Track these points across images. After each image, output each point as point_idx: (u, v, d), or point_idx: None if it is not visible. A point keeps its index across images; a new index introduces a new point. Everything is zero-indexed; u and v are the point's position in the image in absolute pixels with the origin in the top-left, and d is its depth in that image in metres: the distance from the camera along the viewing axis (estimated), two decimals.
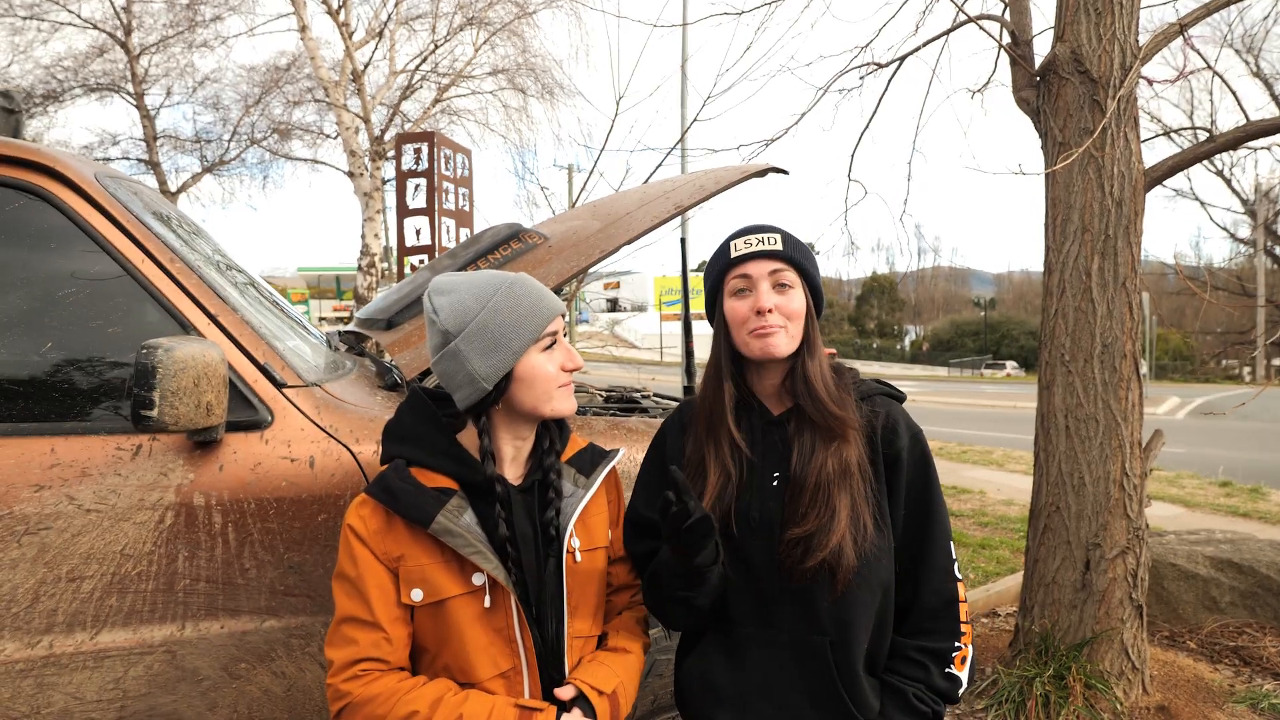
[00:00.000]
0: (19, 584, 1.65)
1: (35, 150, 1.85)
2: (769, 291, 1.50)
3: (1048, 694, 3.25)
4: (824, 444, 1.46)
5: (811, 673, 1.45)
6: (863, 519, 1.43)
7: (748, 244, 1.52)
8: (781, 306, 1.49)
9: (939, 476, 1.56)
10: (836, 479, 1.43)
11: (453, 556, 1.39)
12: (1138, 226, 3.37)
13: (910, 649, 1.49)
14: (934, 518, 1.51)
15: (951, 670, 1.47)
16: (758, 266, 1.51)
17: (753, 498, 1.50)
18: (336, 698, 1.36)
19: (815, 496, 1.44)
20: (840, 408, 1.48)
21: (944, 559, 1.51)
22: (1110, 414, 3.36)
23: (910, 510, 1.51)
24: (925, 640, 1.49)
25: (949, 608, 1.49)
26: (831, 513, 1.42)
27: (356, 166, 15.02)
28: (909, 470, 1.51)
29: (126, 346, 1.82)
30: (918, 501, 1.51)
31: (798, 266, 1.52)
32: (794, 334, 1.50)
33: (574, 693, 1.43)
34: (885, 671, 1.50)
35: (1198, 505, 7.53)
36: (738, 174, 2.56)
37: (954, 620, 1.49)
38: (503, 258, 2.63)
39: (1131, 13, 3.32)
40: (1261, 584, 4.23)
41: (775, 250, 1.50)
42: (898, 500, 1.50)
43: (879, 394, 1.58)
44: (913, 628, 1.51)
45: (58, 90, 16.48)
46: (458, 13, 15.56)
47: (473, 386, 1.42)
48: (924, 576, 1.50)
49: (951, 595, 1.50)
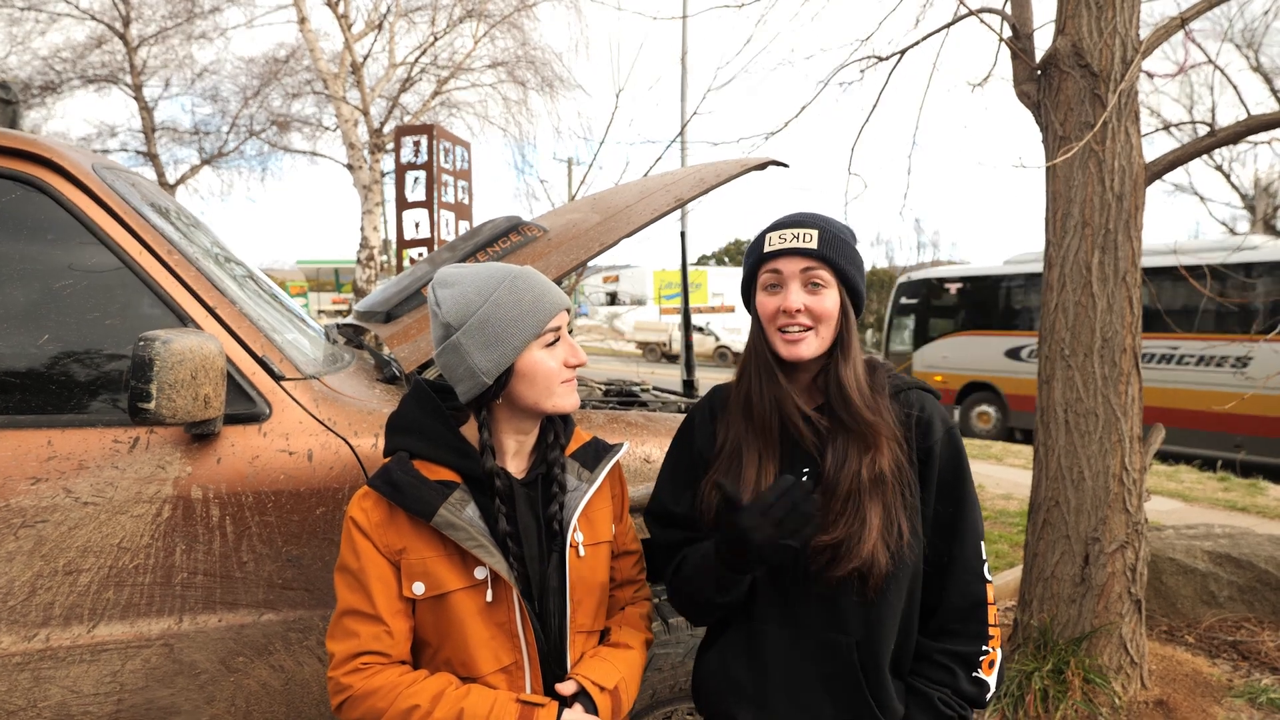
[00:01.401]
0: (15, 577, 1.64)
1: (33, 141, 1.84)
2: (799, 291, 1.44)
3: (1046, 688, 3.25)
4: (858, 451, 1.41)
5: (834, 673, 1.41)
6: (898, 524, 1.38)
7: (782, 239, 1.46)
8: (812, 307, 1.43)
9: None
10: (869, 488, 1.39)
11: (455, 550, 1.38)
12: (1138, 221, 3.36)
13: (936, 652, 1.44)
14: (965, 515, 1.46)
15: (979, 675, 1.42)
16: (790, 264, 1.44)
17: None
18: (337, 691, 1.36)
19: (846, 505, 1.39)
20: (874, 413, 1.43)
21: (974, 559, 1.45)
22: (1110, 408, 3.35)
23: (941, 507, 1.46)
24: (951, 643, 1.44)
25: (977, 610, 1.44)
26: (862, 522, 1.37)
27: (355, 159, 15.00)
28: (941, 465, 1.46)
29: (124, 339, 1.81)
30: (949, 498, 1.46)
31: (834, 266, 1.44)
32: (824, 335, 1.45)
33: (575, 688, 1.42)
34: (910, 674, 1.46)
35: (1196, 500, 7.54)
36: (738, 167, 2.55)
37: (982, 623, 1.44)
38: (502, 250, 2.62)
39: (1132, 7, 3.30)
40: (1260, 579, 4.23)
41: (809, 249, 1.43)
42: (929, 496, 1.45)
43: (913, 387, 1.52)
44: (938, 629, 1.46)
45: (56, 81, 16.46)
46: (457, 5, 15.53)
47: (473, 380, 1.41)
48: (952, 576, 1.45)
49: (980, 597, 1.45)
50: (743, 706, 1.47)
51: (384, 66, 15.99)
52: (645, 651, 1.60)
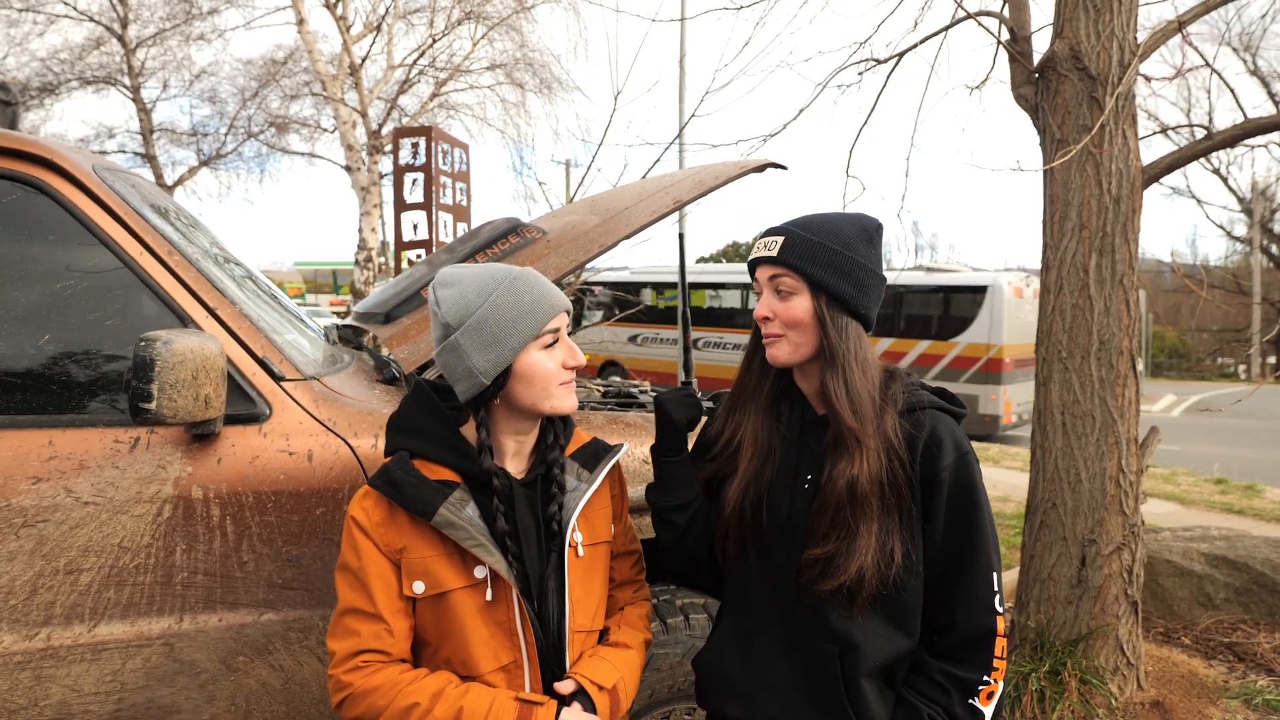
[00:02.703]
0: (17, 576, 1.65)
1: (33, 142, 1.84)
2: (769, 297, 1.46)
3: (1043, 689, 3.26)
4: (842, 462, 1.39)
5: (817, 678, 1.42)
6: (891, 548, 1.37)
7: (757, 247, 1.49)
8: (779, 313, 1.44)
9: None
10: (851, 501, 1.37)
11: (455, 549, 1.39)
12: (1135, 224, 3.38)
13: (935, 670, 1.42)
14: (977, 545, 1.40)
15: (974, 703, 1.39)
16: (762, 272, 1.47)
17: (784, 494, 1.47)
18: (338, 689, 1.37)
19: (836, 518, 1.38)
20: (859, 421, 1.38)
21: (985, 590, 1.40)
22: (1107, 411, 3.36)
23: (949, 535, 1.40)
24: (953, 667, 1.41)
25: (985, 641, 1.40)
26: (851, 538, 1.36)
27: (353, 161, 15.00)
28: (950, 492, 1.40)
29: (125, 339, 1.82)
30: (958, 526, 1.40)
31: (799, 272, 1.42)
32: (796, 341, 1.44)
33: (574, 687, 1.43)
34: (905, 685, 1.44)
35: (1193, 502, 7.55)
36: (736, 169, 2.56)
37: (988, 654, 1.40)
38: (501, 252, 2.63)
39: (1130, 10, 3.32)
40: (1256, 580, 4.24)
41: (770, 257, 1.45)
42: (935, 524, 1.40)
43: (930, 406, 1.45)
44: (943, 652, 1.43)
45: (54, 83, 16.45)
46: (456, 7, 15.52)
47: (471, 380, 1.42)
48: (960, 605, 1.41)
49: (989, 629, 1.40)
50: (730, 701, 1.52)
51: (382, 68, 15.99)
52: (644, 652, 1.61)
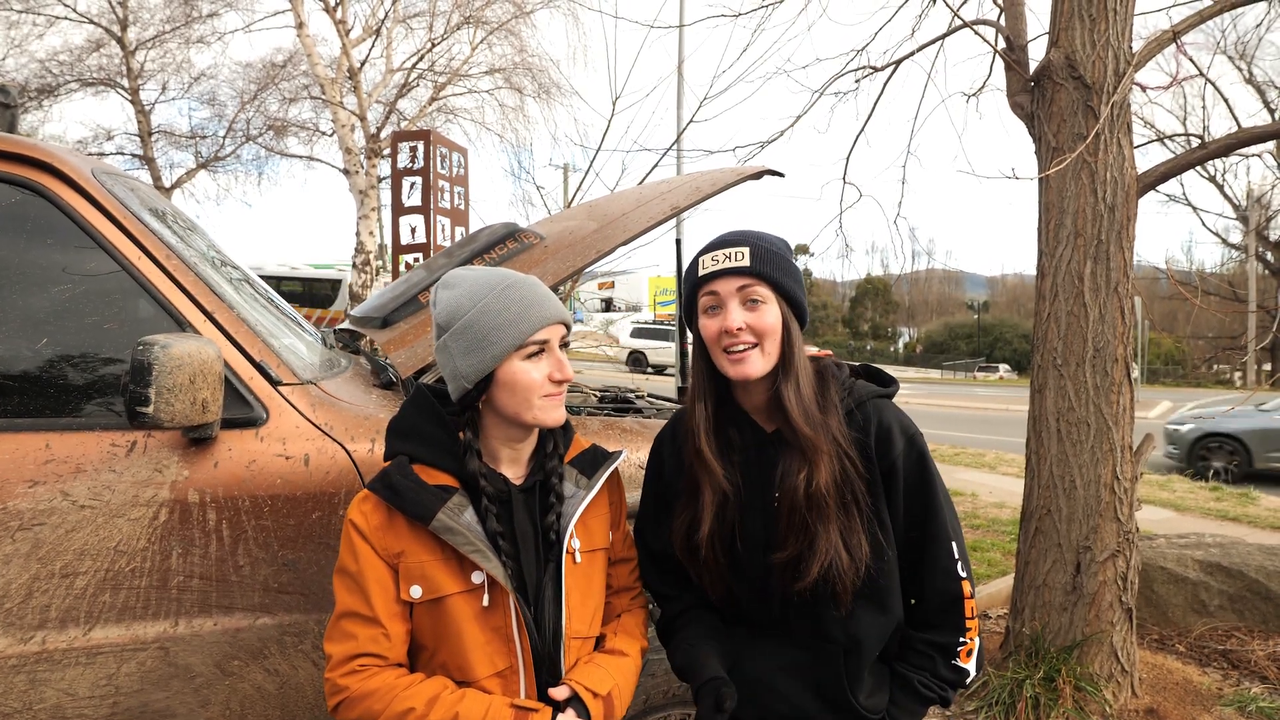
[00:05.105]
0: (12, 579, 1.64)
1: (31, 145, 1.84)
2: (738, 309, 1.45)
3: (1038, 696, 3.26)
4: (799, 467, 1.44)
5: (821, 674, 1.51)
6: (856, 541, 1.44)
7: (715, 260, 1.46)
8: (752, 324, 1.44)
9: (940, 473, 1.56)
10: (810, 504, 1.43)
11: (453, 554, 1.39)
12: (1130, 231, 3.39)
13: (918, 641, 1.54)
14: (935, 517, 1.50)
15: (957, 662, 1.52)
16: (725, 284, 1.45)
17: (756, 516, 1.52)
18: (334, 692, 1.37)
19: (792, 521, 1.45)
20: (812, 429, 1.43)
21: (946, 559, 1.50)
22: (1102, 418, 3.37)
23: (910, 513, 1.50)
24: (932, 634, 1.53)
25: (954, 605, 1.51)
26: (811, 539, 1.43)
27: (352, 164, 15.00)
28: (905, 474, 1.49)
29: (122, 343, 1.82)
30: (917, 503, 1.50)
31: (769, 280, 1.45)
32: (769, 351, 1.45)
33: (569, 693, 1.43)
34: (895, 659, 1.56)
35: (1188, 509, 7.57)
36: (734, 176, 2.57)
37: (959, 616, 1.51)
38: (499, 257, 2.64)
39: (1125, 19, 3.33)
40: (1250, 588, 4.25)
41: (741, 267, 1.44)
42: (896, 506, 1.49)
43: (869, 398, 1.52)
44: (920, 621, 1.55)
45: (53, 84, 16.42)
46: (455, 11, 15.54)
47: (456, 383, 1.44)
48: (928, 576, 1.51)
49: (956, 594, 1.51)
50: (741, 705, 1.53)
51: (381, 72, 16.00)
52: (640, 659, 1.61)
